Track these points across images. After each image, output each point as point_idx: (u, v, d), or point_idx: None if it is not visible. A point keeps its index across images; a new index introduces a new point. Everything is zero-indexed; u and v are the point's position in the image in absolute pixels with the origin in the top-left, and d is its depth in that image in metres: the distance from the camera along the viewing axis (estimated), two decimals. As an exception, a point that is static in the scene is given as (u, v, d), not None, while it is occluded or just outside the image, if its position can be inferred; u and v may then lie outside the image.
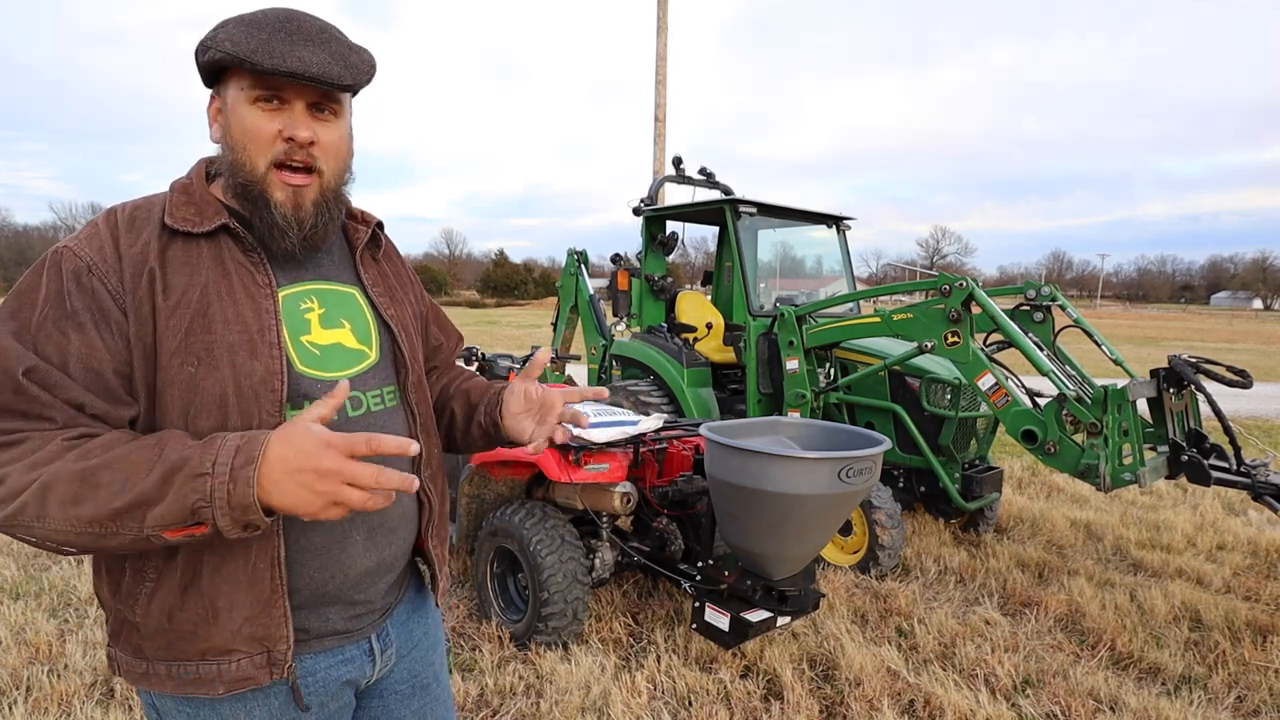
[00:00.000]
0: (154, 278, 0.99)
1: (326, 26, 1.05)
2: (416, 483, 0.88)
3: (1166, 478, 3.53)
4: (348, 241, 1.22)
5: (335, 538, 1.09)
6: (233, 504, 0.84)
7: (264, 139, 1.02)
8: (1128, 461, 3.43)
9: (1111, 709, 2.77)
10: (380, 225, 1.26)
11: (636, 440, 3.17)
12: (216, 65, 1.02)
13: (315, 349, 1.09)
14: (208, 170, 1.10)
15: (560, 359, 5.12)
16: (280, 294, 1.08)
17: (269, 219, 1.04)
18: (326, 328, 1.12)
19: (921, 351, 4.00)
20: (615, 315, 6.15)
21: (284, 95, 1.02)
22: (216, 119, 1.06)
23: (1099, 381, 3.67)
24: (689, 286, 6.61)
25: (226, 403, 0.99)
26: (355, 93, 1.14)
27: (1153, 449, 3.60)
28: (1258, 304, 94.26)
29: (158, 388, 0.98)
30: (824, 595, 3.22)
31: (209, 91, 1.08)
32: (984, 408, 4.15)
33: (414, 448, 0.88)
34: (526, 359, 4.45)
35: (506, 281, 69.28)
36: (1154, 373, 3.63)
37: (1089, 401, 3.58)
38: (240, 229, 1.05)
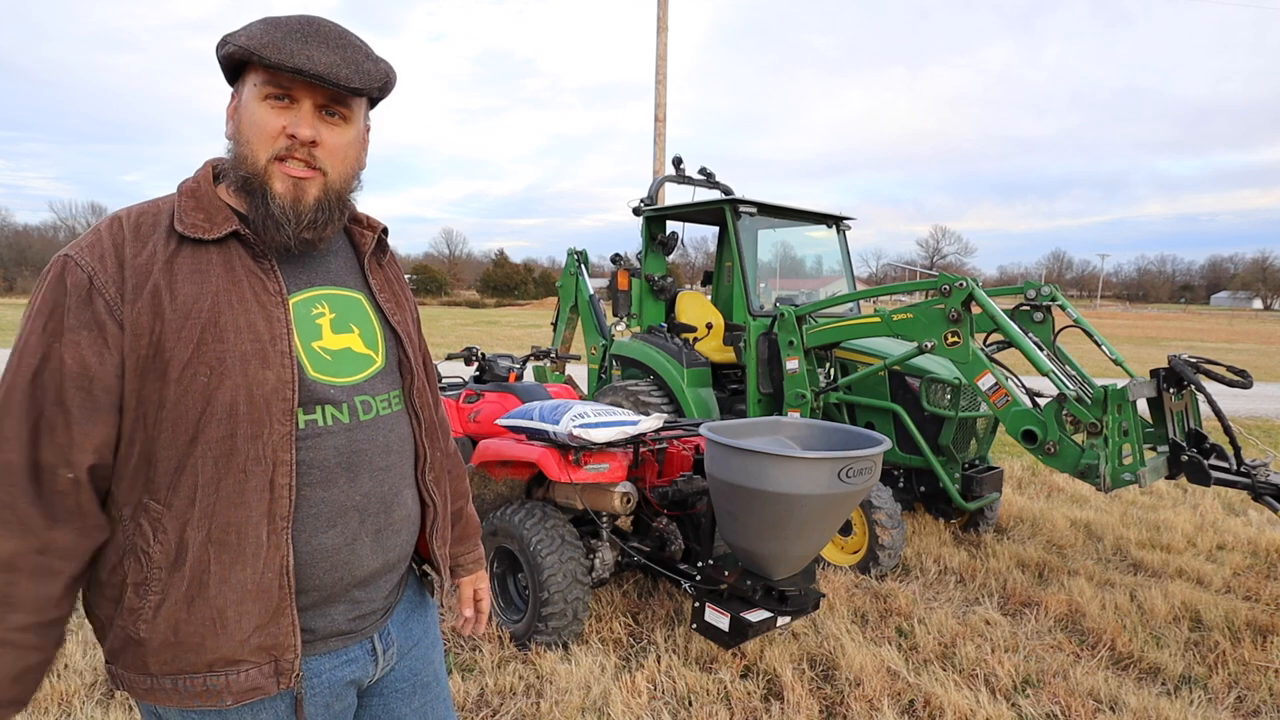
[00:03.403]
0: (158, 290, 0.99)
1: (347, 34, 1.06)
2: None
3: (1166, 478, 3.53)
4: (354, 247, 1.22)
5: (346, 539, 1.10)
6: None
7: (268, 134, 1.03)
8: (1128, 461, 3.43)
9: (1111, 709, 2.77)
10: (385, 231, 1.26)
11: (636, 440, 3.17)
12: (232, 59, 1.03)
13: (327, 354, 1.10)
14: (215, 172, 1.10)
15: (560, 359, 5.11)
16: (292, 300, 1.08)
17: (265, 210, 1.04)
18: (337, 333, 1.13)
19: (921, 351, 4.00)
20: (615, 315, 6.14)
21: (294, 94, 1.03)
22: (232, 116, 1.07)
23: (1099, 381, 3.67)
24: (689, 286, 6.60)
25: (237, 412, 1.00)
26: (374, 103, 1.15)
27: (1153, 449, 3.60)
28: (1258, 304, 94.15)
29: (169, 399, 0.98)
30: (824, 595, 3.22)
31: (230, 90, 1.09)
32: (984, 408, 4.15)
33: None
34: (526, 359, 4.46)
35: (506, 281, 69.30)
36: (1154, 373, 3.63)
37: (1089, 401, 3.58)
38: (250, 235, 1.05)
